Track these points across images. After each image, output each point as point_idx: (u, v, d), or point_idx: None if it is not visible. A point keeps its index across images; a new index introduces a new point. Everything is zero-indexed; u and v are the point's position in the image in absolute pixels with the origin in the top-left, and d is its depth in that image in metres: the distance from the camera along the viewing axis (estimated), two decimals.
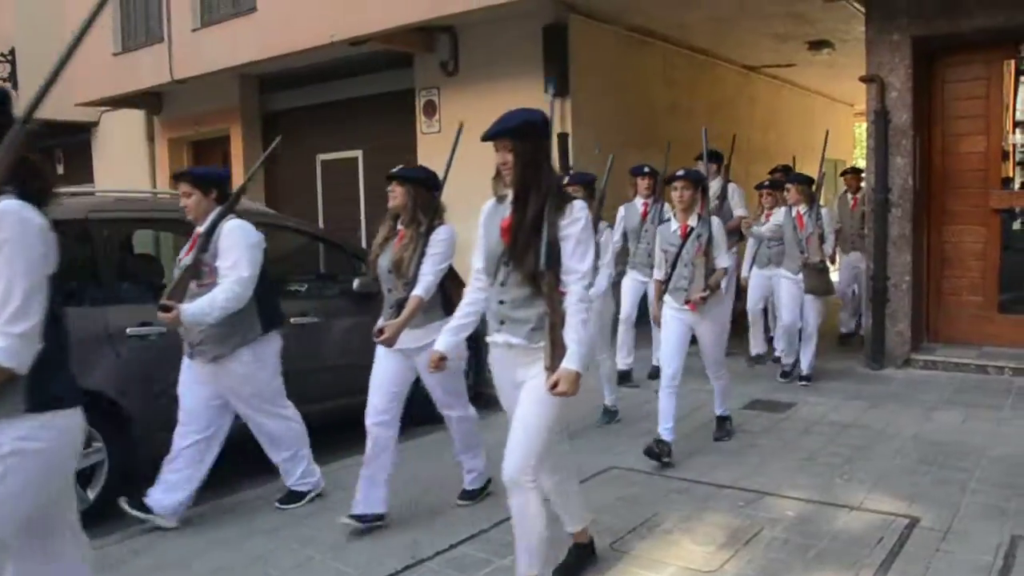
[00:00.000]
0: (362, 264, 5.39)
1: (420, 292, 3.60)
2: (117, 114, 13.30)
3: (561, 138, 8.14)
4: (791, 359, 6.41)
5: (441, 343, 3.11)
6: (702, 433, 5.08)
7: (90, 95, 11.96)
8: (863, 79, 6.78)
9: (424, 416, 4.47)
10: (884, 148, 6.66)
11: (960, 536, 3.43)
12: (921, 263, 6.95)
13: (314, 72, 10.21)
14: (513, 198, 2.81)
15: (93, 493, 3.99)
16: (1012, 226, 6.99)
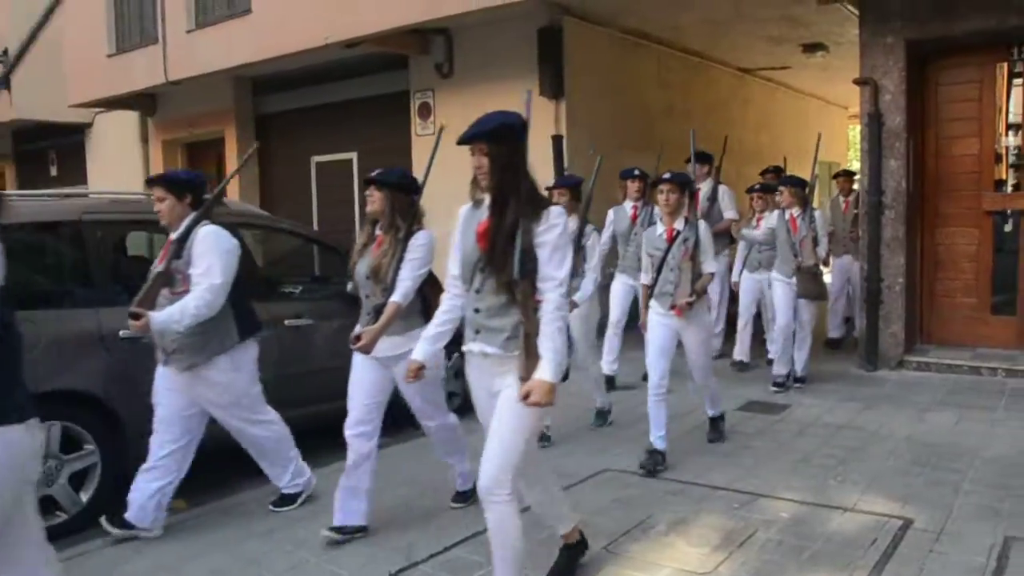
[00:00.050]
0: None
1: (398, 298, 3.54)
2: (111, 115, 13.29)
3: (556, 140, 8.14)
4: (785, 369, 6.25)
5: (419, 352, 3.05)
6: (696, 435, 5.09)
7: (84, 96, 11.95)
8: (857, 82, 6.80)
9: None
10: (878, 150, 6.68)
11: (953, 537, 3.44)
12: (915, 265, 6.97)
13: (309, 74, 10.21)
14: (490, 203, 2.73)
15: (86, 495, 3.98)
16: (1004, 228, 7.01)
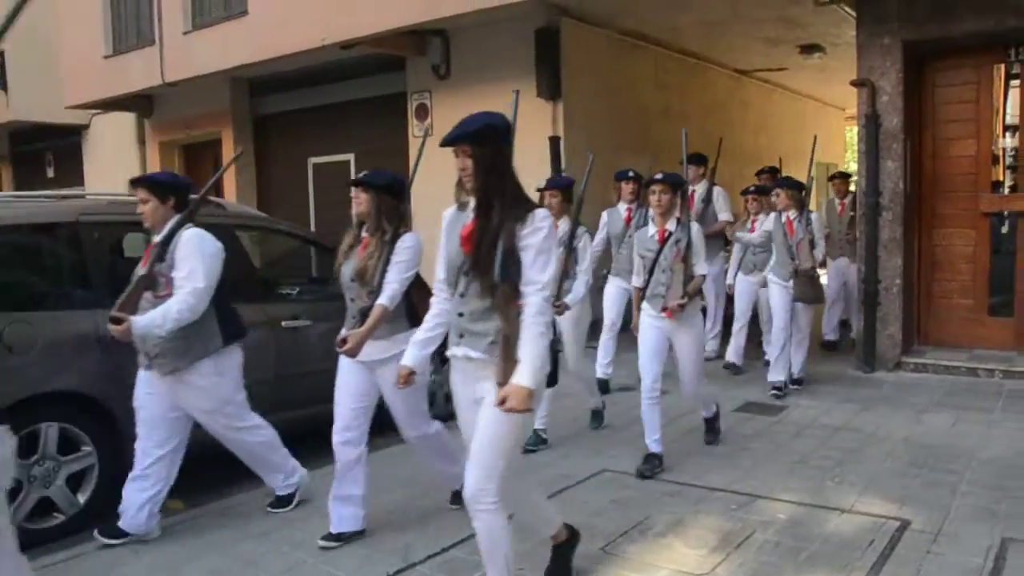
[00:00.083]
0: None
1: (384, 301, 3.48)
2: (108, 117, 13.28)
3: (553, 141, 8.15)
4: (782, 376, 6.11)
5: (409, 358, 3.00)
6: (693, 436, 5.08)
7: (81, 98, 11.94)
8: (854, 83, 6.80)
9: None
10: (875, 152, 6.68)
11: (951, 538, 3.44)
12: (912, 266, 6.97)
13: (305, 75, 10.21)
14: (475, 205, 2.68)
15: (84, 497, 3.98)
16: (1002, 230, 7.02)
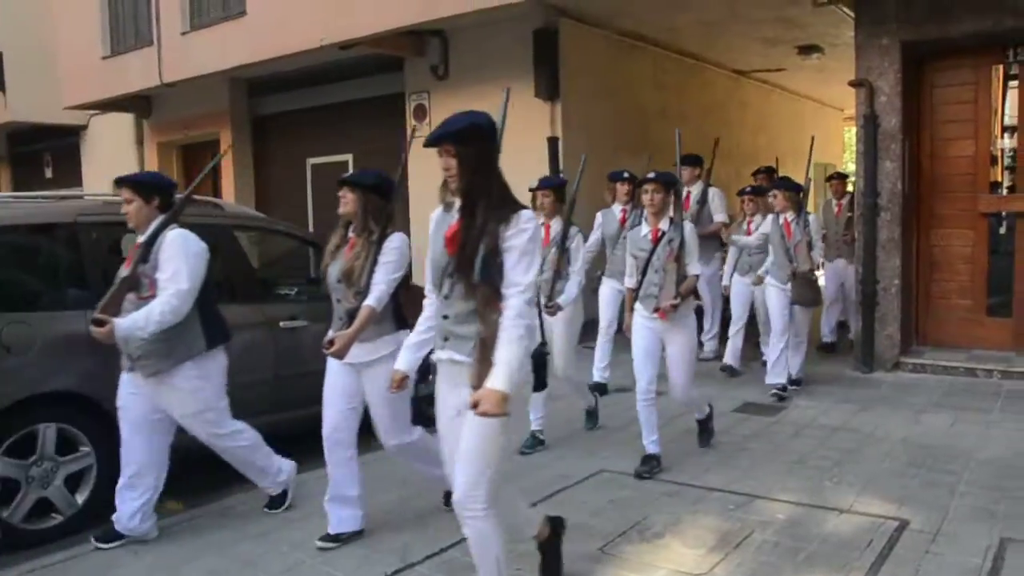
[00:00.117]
0: None
1: (372, 302, 3.44)
2: (106, 117, 13.27)
3: (551, 142, 8.15)
4: (782, 380, 6.05)
5: (402, 361, 2.96)
6: (691, 436, 5.07)
7: (79, 98, 11.93)
8: (852, 83, 6.81)
9: (415, 418, 4.42)
10: (873, 152, 6.68)
11: (949, 538, 3.44)
12: (910, 267, 6.97)
13: (304, 76, 10.20)
14: (460, 206, 2.64)
15: (82, 497, 3.98)
16: (1000, 230, 7.02)
